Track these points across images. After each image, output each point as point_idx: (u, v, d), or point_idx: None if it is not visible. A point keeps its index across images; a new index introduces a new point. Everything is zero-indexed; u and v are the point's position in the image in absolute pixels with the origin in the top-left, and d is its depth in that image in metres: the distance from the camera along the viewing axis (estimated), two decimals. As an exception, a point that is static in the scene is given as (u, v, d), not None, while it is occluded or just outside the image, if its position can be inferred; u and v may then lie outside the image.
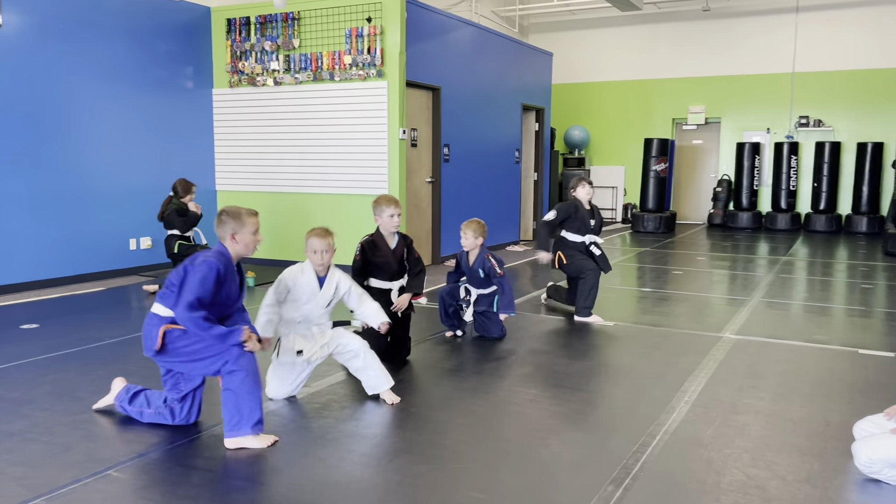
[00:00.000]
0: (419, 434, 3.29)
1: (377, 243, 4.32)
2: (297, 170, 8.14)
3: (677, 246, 10.76)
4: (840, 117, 13.09)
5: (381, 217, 4.28)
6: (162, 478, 2.84)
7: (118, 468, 2.89)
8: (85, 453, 3.03)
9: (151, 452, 3.04)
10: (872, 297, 6.85)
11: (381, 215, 4.28)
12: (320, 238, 3.63)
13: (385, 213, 4.26)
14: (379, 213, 4.28)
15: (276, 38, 8.08)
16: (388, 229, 4.31)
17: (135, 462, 2.95)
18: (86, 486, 2.73)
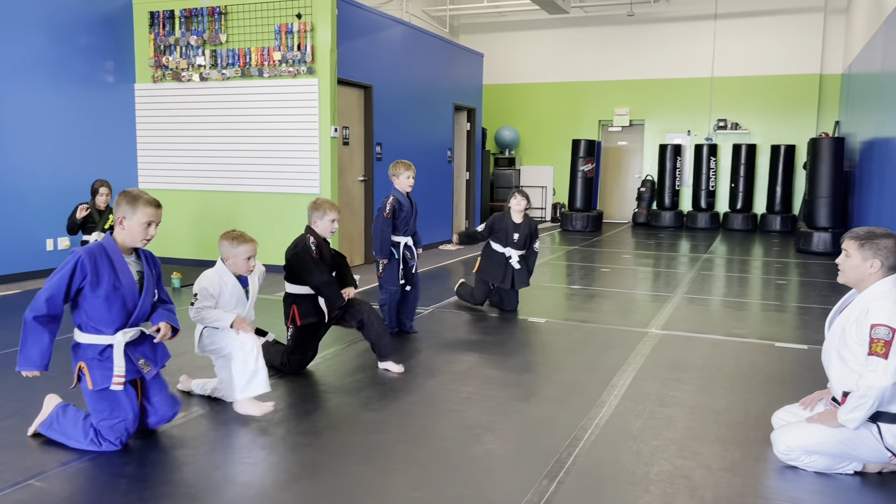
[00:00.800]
0: (354, 435, 3.28)
1: (319, 243, 4.20)
2: (225, 168, 7.96)
3: (604, 244, 11.03)
4: (755, 121, 13.69)
5: (321, 220, 4.16)
6: (88, 486, 2.74)
7: (40, 478, 2.77)
8: (3, 463, 2.89)
9: (76, 461, 2.93)
10: (786, 293, 7.19)
11: (321, 219, 4.15)
12: (253, 244, 3.55)
13: (327, 218, 4.14)
14: (320, 216, 4.15)
15: (202, 32, 7.87)
16: (324, 233, 4.20)
17: (59, 470, 2.83)
18: (4, 496, 2.61)
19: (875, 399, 2.69)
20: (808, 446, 2.87)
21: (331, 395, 3.87)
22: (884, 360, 2.66)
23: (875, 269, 2.80)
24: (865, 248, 2.81)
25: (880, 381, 2.66)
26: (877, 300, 2.75)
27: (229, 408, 3.55)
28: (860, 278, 2.84)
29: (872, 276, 2.81)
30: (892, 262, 2.80)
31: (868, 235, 2.82)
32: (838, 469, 2.88)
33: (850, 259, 2.85)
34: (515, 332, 5.31)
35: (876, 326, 2.69)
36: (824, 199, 10.33)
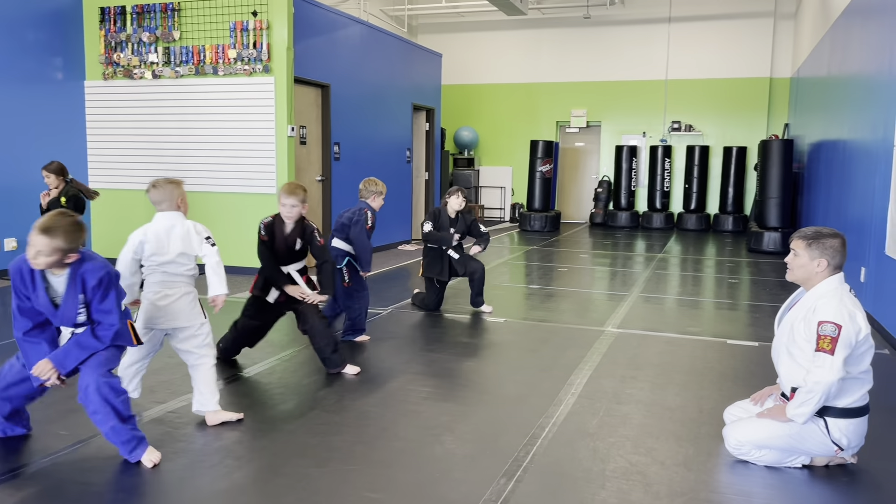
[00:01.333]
0: (312, 437, 3.25)
1: (275, 229, 4.17)
2: (179, 167, 7.81)
3: (562, 244, 11.14)
4: (708, 123, 13.97)
5: (279, 204, 4.16)
6: (38, 493, 2.65)
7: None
8: None
9: (28, 467, 2.84)
10: (738, 291, 7.36)
11: (279, 202, 4.15)
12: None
13: (282, 202, 4.12)
14: (280, 200, 4.14)
15: (155, 29, 7.72)
16: (283, 216, 4.17)
17: (2, 479, 2.75)
18: None
19: (822, 394, 2.77)
20: (758, 441, 2.94)
21: (287, 397, 3.83)
22: (830, 356, 2.74)
23: (822, 268, 2.88)
24: (813, 248, 2.88)
25: (827, 376, 2.74)
26: (823, 298, 2.83)
27: (182, 411, 3.48)
28: (808, 277, 2.92)
29: (819, 274, 2.89)
30: (837, 262, 2.89)
31: (815, 235, 2.90)
32: (787, 463, 2.96)
33: (799, 258, 2.93)
34: (474, 332, 5.32)
35: (823, 323, 2.76)
36: (774, 199, 10.59)
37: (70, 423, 3.29)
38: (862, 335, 2.78)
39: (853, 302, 2.84)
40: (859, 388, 2.86)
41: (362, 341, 4.92)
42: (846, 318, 2.75)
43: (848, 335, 2.75)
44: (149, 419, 3.41)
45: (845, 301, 2.81)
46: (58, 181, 5.98)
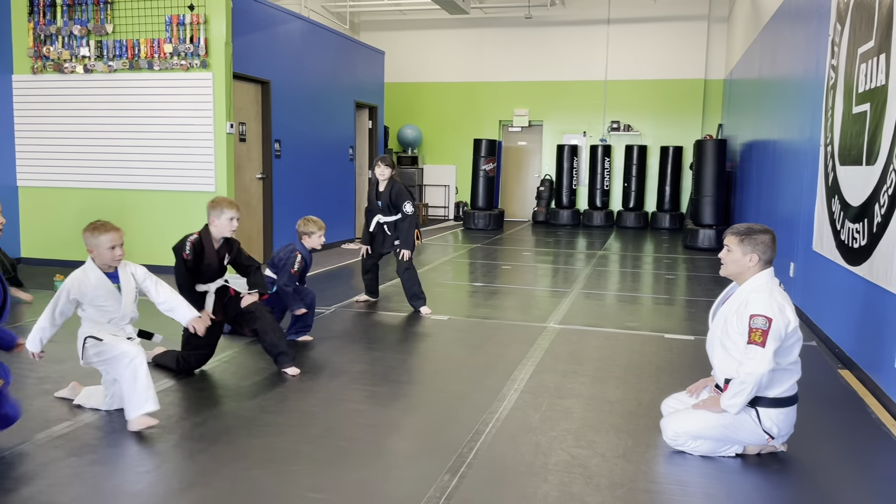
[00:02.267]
0: (253, 439, 3.20)
1: (205, 246, 4.05)
2: (114, 164, 7.58)
3: (505, 242, 11.24)
4: (646, 122, 14.31)
5: (219, 219, 4.01)
6: (-42, 506, 2.54)
7: None
8: None
9: (-56, 479, 2.72)
10: (675, 287, 7.56)
11: (220, 217, 4.00)
12: (116, 232, 3.35)
13: (224, 216, 4.00)
14: (217, 214, 4.00)
15: (87, 22, 7.46)
16: (222, 233, 4.05)
17: (-76, 491, 2.62)
18: None
19: (754, 385, 2.87)
20: (693, 432, 3.02)
21: (228, 399, 3.76)
22: (761, 348, 2.84)
23: (753, 262, 2.99)
24: (745, 244, 2.99)
25: (758, 368, 2.84)
26: (755, 292, 2.94)
27: (116, 415, 3.38)
28: (740, 271, 3.02)
29: (751, 269, 3.00)
30: (768, 257, 3.00)
31: (747, 231, 3.00)
32: (721, 452, 3.06)
33: (731, 254, 3.03)
34: (418, 330, 5.32)
35: (754, 317, 2.87)
36: (709, 197, 10.92)
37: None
38: (791, 328, 2.90)
39: (783, 296, 2.95)
40: (788, 378, 2.98)
41: (305, 341, 4.87)
42: (776, 312, 2.86)
43: (778, 328, 2.85)
44: (84, 423, 3.30)
45: (775, 295, 2.92)
46: None
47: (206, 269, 4.07)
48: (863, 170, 4.25)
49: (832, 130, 5.08)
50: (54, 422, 3.32)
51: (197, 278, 4.06)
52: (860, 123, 4.36)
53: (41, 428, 3.24)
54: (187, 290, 4.00)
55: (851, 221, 4.46)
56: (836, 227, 4.84)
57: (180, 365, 4.09)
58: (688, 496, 2.73)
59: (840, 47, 4.99)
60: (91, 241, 3.33)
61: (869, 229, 4.09)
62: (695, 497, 2.73)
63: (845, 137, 4.70)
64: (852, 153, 4.50)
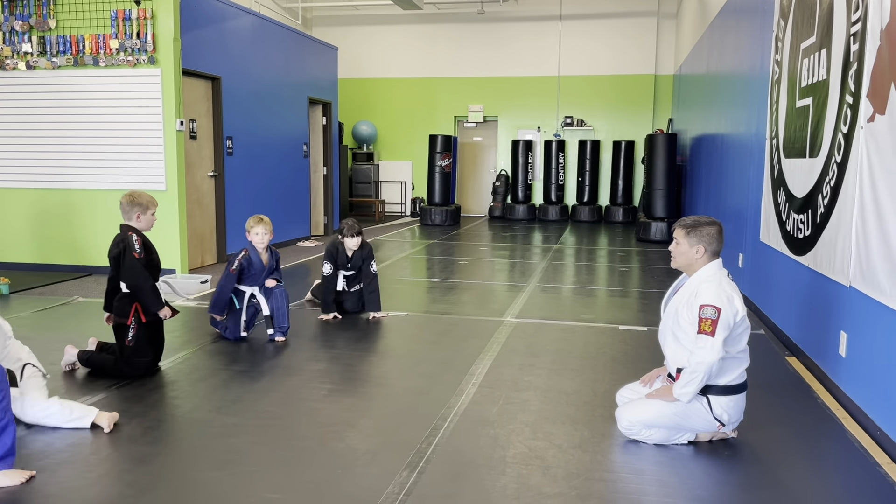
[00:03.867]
0: (208, 440, 3.15)
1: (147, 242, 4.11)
2: (60, 163, 7.36)
3: (462, 237, 11.27)
4: (599, 118, 14.49)
5: (144, 215, 4.09)
6: None
7: None
8: None
9: None
10: (628, 279, 7.68)
11: (144, 213, 4.09)
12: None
13: (149, 213, 4.11)
14: (142, 210, 4.07)
15: (28, 17, 7.23)
16: (147, 228, 4.14)
17: None
18: None
19: (704, 374, 2.94)
20: (647, 420, 3.08)
21: (181, 401, 3.69)
22: (711, 337, 2.91)
23: (701, 254, 3.06)
24: (691, 236, 3.06)
25: (708, 357, 2.91)
26: (704, 283, 3.01)
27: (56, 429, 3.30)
28: (689, 263, 3.09)
29: (699, 260, 3.07)
30: (715, 248, 3.07)
31: (694, 224, 3.07)
32: (674, 440, 3.12)
33: (680, 246, 3.09)
34: (375, 328, 5.30)
35: (704, 307, 2.93)
36: (660, 191, 11.12)
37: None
38: (739, 317, 2.97)
39: (731, 286, 3.03)
40: (738, 366, 3.06)
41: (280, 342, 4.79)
42: (725, 302, 2.93)
43: (727, 317, 2.93)
44: (23, 430, 3.21)
45: (724, 285, 2.99)
46: None
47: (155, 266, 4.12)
48: (806, 162, 4.38)
49: (777, 124, 5.22)
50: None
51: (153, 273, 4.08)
52: (803, 117, 4.49)
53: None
54: (151, 290, 4.01)
55: (796, 212, 4.59)
56: (781, 218, 4.98)
57: (125, 371, 3.98)
58: (643, 483, 2.79)
59: (784, 42, 5.13)
60: None
61: (813, 220, 4.21)
62: (650, 484, 2.78)
63: (790, 131, 4.84)
64: (796, 146, 4.63)
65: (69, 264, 7.41)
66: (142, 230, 4.08)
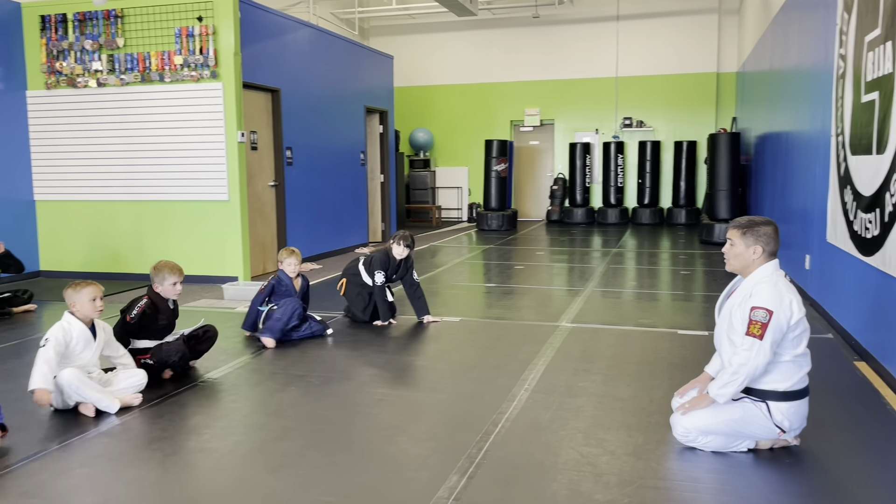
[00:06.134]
0: (266, 443, 3.22)
1: (159, 307, 4.19)
2: (126, 176, 7.67)
3: (519, 242, 11.22)
4: (659, 118, 14.22)
5: (162, 285, 4.19)
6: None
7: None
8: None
9: None
10: (691, 283, 7.50)
11: (163, 283, 4.19)
12: (97, 287, 3.70)
13: (167, 282, 4.19)
14: (161, 280, 4.19)
15: (98, 36, 7.57)
16: (168, 296, 4.23)
17: None
18: None
19: (746, 376, 2.87)
20: (704, 427, 3.00)
21: (240, 405, 3.79)
22: (759, 340, 2.83)
23: (757, 255, 2.97)
24: (748, 236, 2.97)
25: (753, 360, 2.84)
26: (759, 284, 2.92)
27: (129, 423, 3.43)
28: (745, 265, 3.01)
29: (755, 261, 2.98)
30: (772, 248, 2.98)
31: (749, 224, 2.99)
32: (733, 448, 3.03)
33: (735, 247, 3.01)
34: (429, 333, 5.33)
35: (755, 309, 2.86)
36: (723, 191, 10.83)
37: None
38: (794, 320, 2.87)
39: (787, 287, 2.93)
40: (797, 371, 2.95)
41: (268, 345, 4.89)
42: (778, 304, 2.84)
43: (779, 321, 2.84)
44: (81, 435, 3.35)
45: (780, 287, 2.90)
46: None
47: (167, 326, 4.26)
48: (873, 159, 4.20)
49: (843, 120, 5.02)
50: (65, 432, 3.37)
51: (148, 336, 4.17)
52: (869, 112, 4.31)
53: (54, 437, 3.29)
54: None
55: (864, 211, 4.41)
56: (849, 217, 4.78)
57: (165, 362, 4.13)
58: (698, 492, 2.72)
59: (848, 36, 4.94)
60: (73, 298, 3.65)
61: (881, 219, 4.04)
62: (705, 493, 2.71)
63: (855, 127, 4.65)
64: (863, 142, 4.45)
65: (137, 273, 7.69)
66: (165, 296, 4.21)
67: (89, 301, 3.65)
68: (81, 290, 3.65)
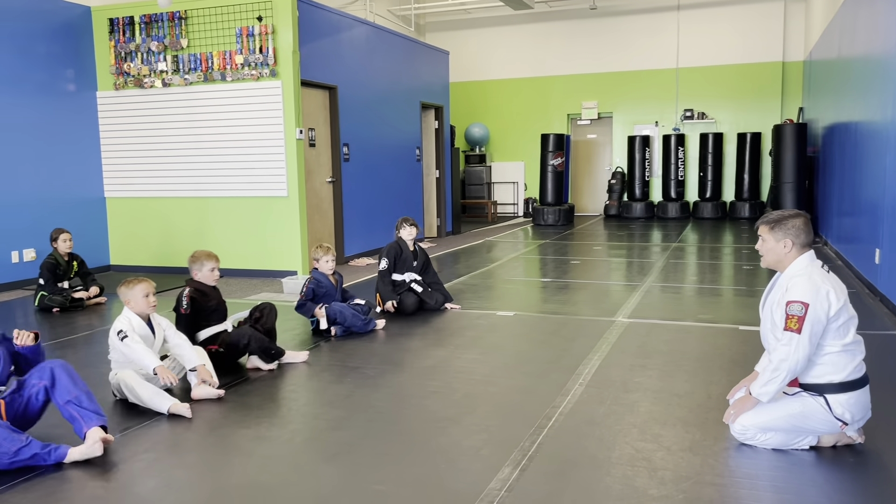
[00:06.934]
0: (321, 432, 3.29)
1: (204, 291, 4.32)
2: (190, 173, 7.91)
3: (576, 237, 11.12)
4: (721, 109, 13.86)
5: (201, 271, 4.33)
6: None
7: (0, 489, 2.75)
8: None
9: (37, 471, 2.92)
10: (754, 278, 7.30)
11: (201, 270, 4.32)
12: (149, 283, 3.77)
13: (206, 268, 4.32)
14: (199, 267, 4.33)
15: (163, 38, 7.82)
16: (207, 281, 4.35)
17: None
18: None
19: (787, 372, 2.80)
20: (762, 424, 2.93)
21: (297, 395, 3.88)
22: (797, 335, 2.77)
23: (789, 248, 2.91)
24: (776, 231, 2.92)
25: (793, 354, 2.78)
26: (794, 278, 2.87)
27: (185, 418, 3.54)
28: (778, 259, 2.95)
29: (788, 255, 2.92)
30: (803, 240, 2.90)
31: (778, 218, 2.94)
32: (794, 445, 2.95)
33: (766, 243, 2.97)
34: (483, 327, 5.33)
35: (791, 303, 2.80)
36: (789, 184, 10.51)
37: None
38: (833, 310, 2.80)
39: (824, 278, 2.85)
40: (850, 360, 2.86)
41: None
42: (814, 296, 2.78)
43: (816, 313, 2.78)
44: (141, 424, 3.47)
45: (815, 278, 2.83)
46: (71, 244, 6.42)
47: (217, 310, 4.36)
48: (948, 147, 4.01)
49: (915, 108, 4.80)
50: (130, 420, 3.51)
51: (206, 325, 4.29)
52: (944, 98, 4.11)
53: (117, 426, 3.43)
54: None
55: (937, 203, 4.21)
56: (921, 209, 4.58)
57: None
58: (757, 489, 2.65)
59: (921, 19, 4.72)
60: (127, 295, 3.72)
61: (956, 210, 3.85)
62: (764, 490, 2.65)
63: (929, 114, 4.44)
64: (937, 130, 4.25)
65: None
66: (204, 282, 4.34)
67: (143, 297, 3.71)
68: (134, 287, 3.71)
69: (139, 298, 3.71)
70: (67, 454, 2.91)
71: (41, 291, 6.15)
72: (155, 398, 3.53)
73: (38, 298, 6.14)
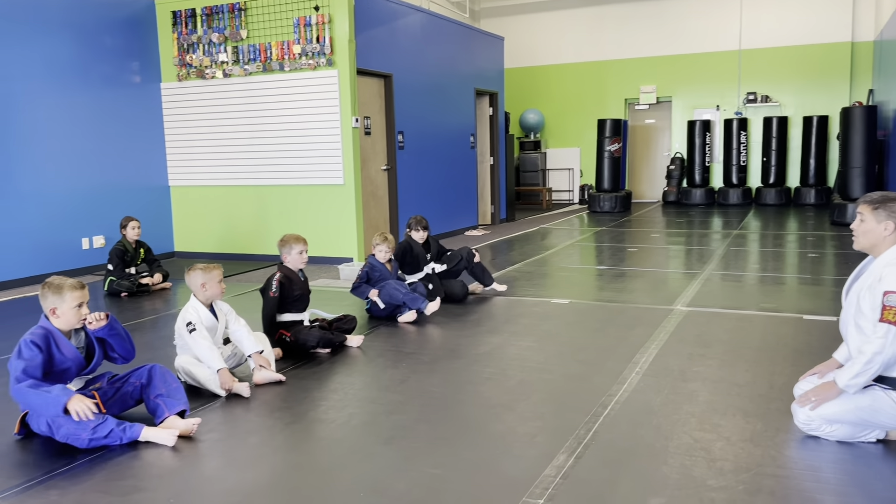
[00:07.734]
0: (377, 416, 3.34)
1: (291, 278, 4.42)
2: (250, 162, 8.08)
3: (633, 224, 10.94)
4: (786, 92, 13.40)
5: (290, 255, 4.43)
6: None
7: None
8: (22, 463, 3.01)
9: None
10: (820, 266, 7.07)
11: (290, 253, 4.43)
12: (221, 269, 3.84)
13: (294, 251, 4.42)
14: (288, 251, 4.43)
15: (224, 29, 7.98)
16: (296, 266, 4.45)
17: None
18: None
19: (880, 365, 2.69)
20: (828, 416, 2.84)
21: (354, 379, 3.94)
22: (894, 327, 2.63)
23: (889, 231, 2.77)
24: (879, 211, 2.77)
25: (889, 347, 2.65)
26: (890, 266, 2.72)
27: (248, 400, 3.64)
28: (874, 243, 2.81)
29: (887, 239, 2.78)
30: None
31: (882, 199, 2.79)
32: (860, 437, 2.86)
33: (865, 223, 2.82)
34: (538, 315, 5.31)
35: (889, 294, 2.66)
36: (858, 169, 10.11)
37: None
38: None
39: None
40: (925, 355, 2.74)
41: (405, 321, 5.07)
42: None
43: None
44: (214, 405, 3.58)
45: (914, 268, 2.69)
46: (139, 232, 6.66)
47: (301, 298, 4.46)
48: None
49: None
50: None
51: (290, 310, 4.42)
52: None
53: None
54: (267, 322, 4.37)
55: None
56: None
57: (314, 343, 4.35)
58: (820, 482, 2.58)
59: None
60: (200, 279, 3.77)
61: None
62: (828, 483, 2.57)
63: None
64: None
65: (260, 254, 8.11)
66: (293, 268, 4.44)
67: (217, 282, 3.78)
68: (212, 272, 3.77)
69: (215, 283, 3.79)
70: (142, 433, 3.03)
71: (110, 277, 6.39)
72: (212, 380, 3.63)
73: (107, 283, 6.39)
